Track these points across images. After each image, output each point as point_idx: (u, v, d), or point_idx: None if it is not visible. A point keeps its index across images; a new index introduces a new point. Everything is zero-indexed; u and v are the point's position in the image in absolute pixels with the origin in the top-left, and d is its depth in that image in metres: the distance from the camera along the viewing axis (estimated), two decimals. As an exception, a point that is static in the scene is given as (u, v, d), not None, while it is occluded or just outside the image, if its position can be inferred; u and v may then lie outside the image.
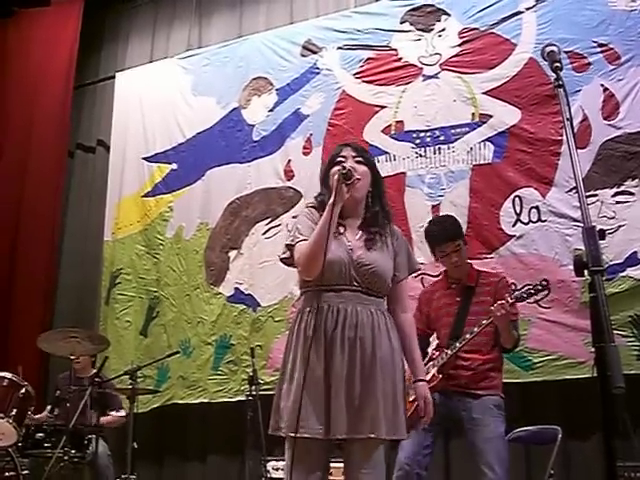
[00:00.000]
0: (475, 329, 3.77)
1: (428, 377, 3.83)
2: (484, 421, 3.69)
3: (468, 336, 3.77)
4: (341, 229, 2.75)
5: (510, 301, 3.68)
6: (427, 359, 3.92)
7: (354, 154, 2.79)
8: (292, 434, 2.54)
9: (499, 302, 3.67)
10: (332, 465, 4.32)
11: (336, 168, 2.69)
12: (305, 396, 2.55)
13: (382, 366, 2.62)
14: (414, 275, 5.11)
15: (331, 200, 2.59)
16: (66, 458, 4.63)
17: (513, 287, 3.90)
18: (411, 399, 3.85)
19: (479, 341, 3.80)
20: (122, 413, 5.28)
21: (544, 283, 3.79)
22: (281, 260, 2.82)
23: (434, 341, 4.05)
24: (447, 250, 3.94)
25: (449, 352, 3.81)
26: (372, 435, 2.55)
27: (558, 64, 2.17)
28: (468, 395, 3.76)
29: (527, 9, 5.36)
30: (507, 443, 3.75)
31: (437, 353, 3.90)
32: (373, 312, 2.69)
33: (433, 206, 5.31)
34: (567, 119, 1.98)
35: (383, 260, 2.75)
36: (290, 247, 2.74)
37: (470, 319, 3.83)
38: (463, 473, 4.76)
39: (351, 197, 2.68)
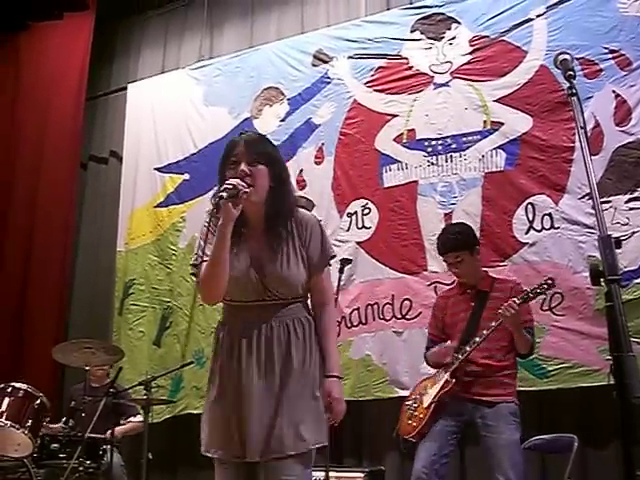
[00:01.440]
0: (485, 332, 3.77)
1: (441, 382, 3.84)
2: (499, 428, 3.69)
3: (478, 339, 3.78)
4: (244, 239, 2.60)
5: (518, 302, 3.69)
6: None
7: (249, 152, 2.56)
8: (213, 455, 2.54)
9: (507, 302, 3.68)
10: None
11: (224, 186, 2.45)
12: (220, 417, 2.53)
13: (295, 383, 2.52)
14: (427, 283, 5.22)
15: (220, 221, 2.44)
16: (81, 469, 4.66)
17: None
18: (425, 405, 3.87)
19: (493, 347, 3.81)
20: (139, 418, 5.28)
21: (549, 281, 3.81)
22: (195, 279, 2.67)
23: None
24: (448, 260, 4.00)
25: (460, 356, 3.81)
26: (283, 454, 2.46)
27: (571, 72, 2.17)
28: (483, 403, 3.76)
29: (538, 16, 5.35)
30: (522, 450, 3.74)
31: (449, 359, 3.90)
32: (289, 325, 2.57)
33: (445, 214, 5.30)
34: (581, 127, 1.99)
35: (289, 265, 2.58)
36: (196, 266, 2.59)
37: (483, 324, 3.83)
38: (479, 476, 4.74)
39: (248, 202, 2.51)
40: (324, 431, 2.55)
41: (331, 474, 4.48)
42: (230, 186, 2.43)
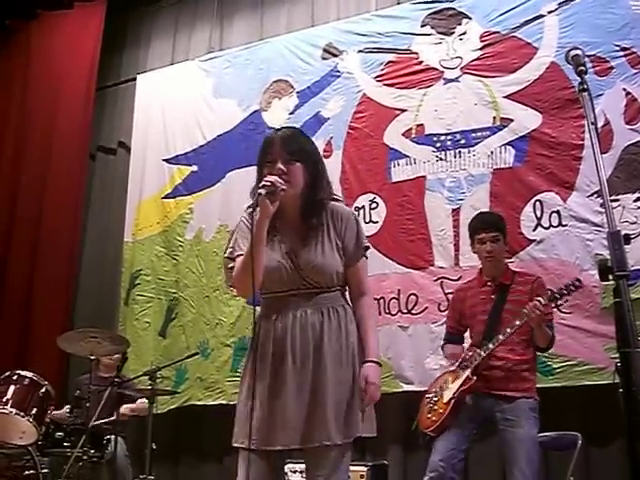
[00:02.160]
0: (508, 330, 3.76)
1: (462, 379, 3.83)
2: (519, 422, 3.69)
3: (501, 337, 3.76)
4: (279, 231, 2.69)
5: (544, 302, 3.67)
6: (460, 360, 3.91)
7: (284, 151, 2.62)
8: (243, 446, 2.56)
9: (532, 302, 3.66)
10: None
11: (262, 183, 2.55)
12: (256, 408, 2.55)
13: (332, 370, 2.55)
14: (434, 279, 5.21)
15: (257, 216, 2.54)
16: (85, 458, 4.66)
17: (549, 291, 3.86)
18: (445, 400, 3.86)
19: (513, 340, 3.80)
20: (144, 400, 5.27)
21: (577, 283, 3.79)
22: (230, 269, 2.74)
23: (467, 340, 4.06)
24: (485, 238, 3.93)
25: (482, 353, 3.80)
26: (326, 443, 2.49)
27: (583, 67, 2.17)
28: (502, 398, 3.76)
29: (549, 12, 5.33)
30: (538, 446, 3.73)
31: (470, 354, 3.89)
32: (324, 312, 2.62)
33: (453, 210, 5.30)
34: (592, 123, 1.98)
35: (324, 254, 2.64)
36: (231, 259, 2.70)
37: (505, 317, 3.83)
38: (484, 475, 4.75)
39: (286, 197, 2.59)
40: (362, 422, 2.56)
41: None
42: (268, 183, 2.53)
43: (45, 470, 4.71)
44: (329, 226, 2.69)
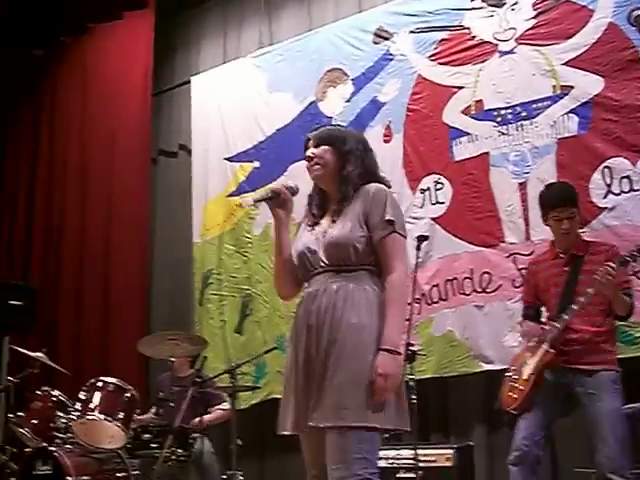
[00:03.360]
0: (582, 299, 3.69)
1: (540, 354, 3.77)
2: (600, 396, 3.62)
3: (576, 307, 3.69)
4: (321, 215, 2.76)
5: (615, 267, 3.59)
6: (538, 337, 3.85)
7: (313, 141, 2.76)
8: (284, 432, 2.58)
9: (603, 268, 3.58)
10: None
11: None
12: (285, 393, 2.60)
13: (341, 350, 2.47)
14: (505, 255, 5.14)
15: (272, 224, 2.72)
16: (173, 457, 4.73)
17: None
18: (525, 377, 3.82)
19: (590, 311, 3.72)
20: (225, 406, 5.34)
21: None
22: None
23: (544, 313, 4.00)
24: (561, 215, 3.85)
25: (558, 326, 3.74)
26: (337, 424, 2.41)
27: (648, 28, 2.10)
28: (583, 372, 3.69)
29: (604, -28, 5.19)
30: (624, 419, 3.66)
31: (547, 327, 3.83)
32: (337, 289, 2.55)
33: (520, 184, 5.21)
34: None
35: (343, 228, 2.61)
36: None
37: (579, 289, 3.74)
38: (570, 450, 4.67)
39: (322, 181, 2.74)
40: (374, 412, 2.43)
41: (419, 451, 4.48)
42: (269, 192, 2.73)
43: (136, 472, 4.82)
44: (357, 204, 2.65)
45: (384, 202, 2.62)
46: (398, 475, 4.56)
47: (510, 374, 3.97)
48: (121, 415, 4.80)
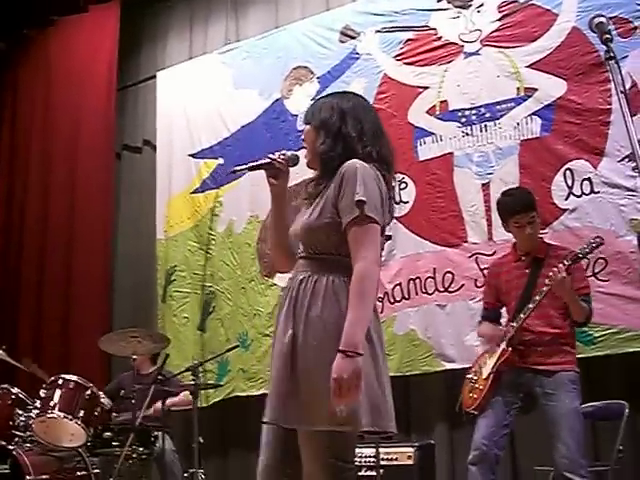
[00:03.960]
0: (537, 297, 3.74)
1: (498, 353, 3.82)
2: (559, 396, 3.67)
3: (531, 305, 3.75)
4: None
5: (567, 264, 3.65)
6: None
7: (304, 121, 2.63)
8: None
9: (556, 266, 3.64)
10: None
11: None
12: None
13: (303, 348, 2.32)
14: (468, 255, 5.18)
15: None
16: (134, 455, 4.72)
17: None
18: (484, 376, 3.86)
19: (550, 314, 3.78)
20: (187, 395, 5.32)
21: (597, 239, 3.79)
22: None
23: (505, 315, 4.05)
24: (522, 221, 3.89)
25: (515, 325, 3.79)
26: (302, 427, 2.32)
27: (608, 35, 2.13)
28: (542, 372, 3.75)
29: (567, -23, 5.25)
30: (582, 418, 3.71)
31: (506, 328, 3.89)
32: (303, 280, 2.39)
33: (483, 184, 5.26)
34: (621, 92, 1.94)
35: (315, 213, 2.43)
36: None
37: (537, 291, 3.79)
38: (530, 449, 4.73)
39: (311, 161, 2.56)
40: (338, 416, 2.23)
41: (381, 450, 4.50)
42: (266, 160, 2.59)
43: (96, 470, 4.79)
44: (332, 187, 2.42)
45: (354, 180, 2.35)
46: (360, 473, 4.56)
47: (470, 376, 4.02)
48: (82, 413, 4.75)
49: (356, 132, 2.48)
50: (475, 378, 3.95)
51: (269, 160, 2.60)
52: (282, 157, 2.61)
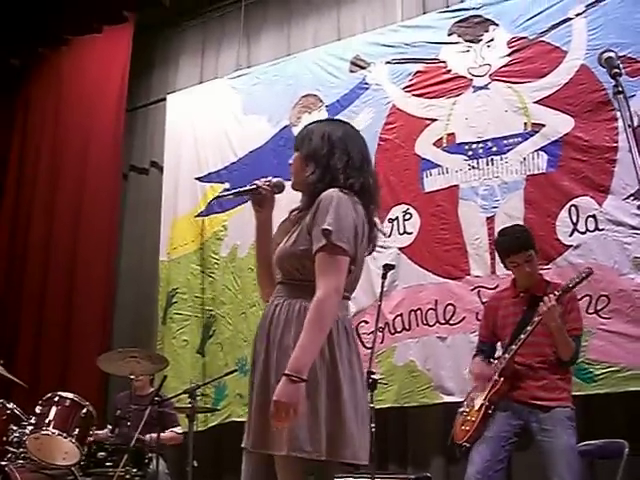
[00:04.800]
0: (529, 328, 3.74)
1: (490, 384, 3.81)
2: (556, 432, 3.65)
3: (523, 336, 3.75)
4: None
5: (557, 294, 3.68)
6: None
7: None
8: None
9: (546, 297, 3.66)
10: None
11: None
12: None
13: (270, 373, 2.35)
14: (470, 288, 5.17)
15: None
16: (127, 477, 4.68)
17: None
18: (477, 408, 3.84)
19: (546, 352, 3.78)
20: (178, 430, 5.32)
21: (587, 270, 3.81)
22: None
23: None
24: (518, 261, 3.90)
25: (507, 356, 3.80)
26: (251, 449, 2.38)
27: (617, 70, 2.13)
28: (539, 407, 3.72)
29: (577, 15, 5.27)
30: (578, 455, 3.68)
31: (496, 363, 3.90)
32: (277, 306, 2.43)
33: (488, 218, 5.26)
34: (629, 125, 1.95)
35: (290, 240, 2.46)
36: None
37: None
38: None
39: (297, 188, 2.56)
40: (307, 439, 2.26)
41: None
42: (253, 186, 2.62)
43: (88, 490, 4.75)
44: (309, 213, 2.44)
45: (327, 209, 2.37)
46: (354, 505, 4.52)
47: (462, 409, 4.01)
48: (76, 431, 4.73)
49: (342, 164, 2.50)
50: (467, 410, 3.94)
51: (255, 186, 2.63)
52: (267, 183, 2.64)
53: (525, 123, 5.31)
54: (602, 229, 4.88)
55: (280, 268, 2.50)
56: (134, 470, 4.73)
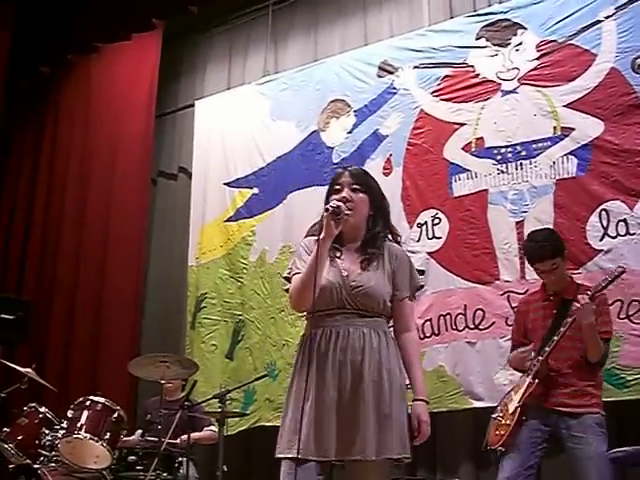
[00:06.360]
0: (562, 329, 3.72)
1: (524, 386, 3.79)
2: (586, 439, 3.62)
3: (555, 338, 3.73)
4: (338, 254, 2.83)
5: (590, 294, 3.65)
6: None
7: (351, 181, 2.84)
8: (289, 455, 2.62)
9: (581, 296, 3.65)
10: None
11: (328, 205, 2.74)
12: (304, 420, 2.62)
13: (372, 387, 2.66)
14: (500, 293, 5.15)
15: (321, 236, 2.67)
16: (157, 480, 4.71)
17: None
18: (511, 411, 3.82)
19: (576, 357, 3.76)
20: (213, 428, 5.31)
21: (619, 269, 3.83)
22: (286, 291, 2.93)
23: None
24: (543, 269, 3.89)
25: (540, 358, 3.78)
26: (359, 457, 2.60)
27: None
28: (568, 414, 3.70)
29: (606, 18, 5.21)
30: (609, 462, 3.65)
31: (529, 363, 3.87)
32: (366, 333, 2.72)
33: (517, 222, 5.23)
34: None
35: (376, 280, 2.78)
36: (288, 279, 2.86)
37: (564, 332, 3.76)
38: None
39: (347, 225, 2.77)
40: (405, 444, 2.67)
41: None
42: (335, 205, 2.70)
43: (119, 494, 4.79)
44: (384, 259, 2.83)
45: (409, 266, 2.89)
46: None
47: (496, 414, 3.98)
48: (107, 435, 4.79)
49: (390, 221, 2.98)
50: (501, 415, 3.91)
51: (338, 206, 2.73)
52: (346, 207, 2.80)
53: (554, 127, 5.27)
54: (633, 233, 4.84)
55: (364, 302, 2.75)
56: (164, 474, 4.76)
